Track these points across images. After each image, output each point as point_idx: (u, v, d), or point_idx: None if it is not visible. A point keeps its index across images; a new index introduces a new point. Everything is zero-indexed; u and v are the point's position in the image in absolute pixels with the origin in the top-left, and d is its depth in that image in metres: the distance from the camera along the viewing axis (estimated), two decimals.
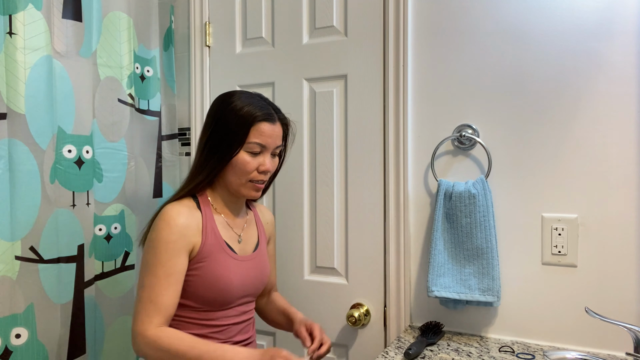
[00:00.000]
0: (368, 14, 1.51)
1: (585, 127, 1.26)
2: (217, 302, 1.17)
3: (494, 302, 1.29)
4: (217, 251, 1.17)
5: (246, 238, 1.27)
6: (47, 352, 1.29)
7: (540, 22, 1.30)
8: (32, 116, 1.26)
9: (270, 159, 1.20)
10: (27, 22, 1.25)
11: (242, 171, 1.17)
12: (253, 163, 1.17)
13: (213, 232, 1.18)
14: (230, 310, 1.20)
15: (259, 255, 1.28)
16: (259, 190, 1.22)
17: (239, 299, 1.21)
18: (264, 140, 1.17)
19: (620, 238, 1.23)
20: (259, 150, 1.17)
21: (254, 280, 1.24)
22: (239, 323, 1.23)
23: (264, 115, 1.17)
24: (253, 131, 1.16)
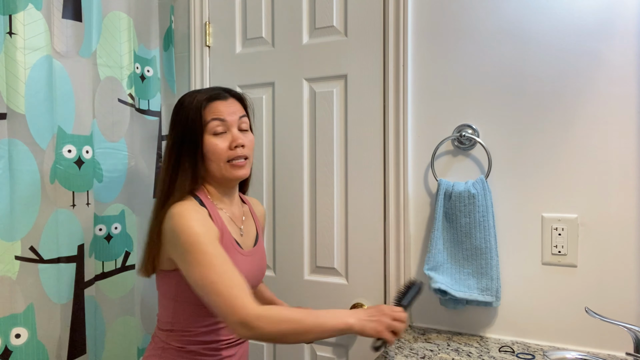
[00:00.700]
0: (368, 14, 1.51)
1: (585, 127, 1.26)
2: None
3: (492, 302, 1.29)
4: (228, 247, 1.15)
5: (246, 231, 1.26)
6: (47, 352, 1.29)
7: (540, 22, 1.30)
8: (32, 116, 1.26)
9: (238, 132, 1.17)
10: (27, 22, 1.25)
11: (215, 155, 1.15)
12: (222, 143, 1.15)
13: (222, 227, 1.15)
14: None
15: (259, 250, 1.27)
16: (242, 166, 1.17)
17: None
18: (220, 114, 1.15)
19: (620, 238, 1.23)
20: (222, 128, 1.16)
21: (255, 275, 1.23)
22: None
23: (211, 96, 1.18)
24: (206, 112, 1.15)
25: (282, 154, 1.65)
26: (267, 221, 1.68)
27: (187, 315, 1.16)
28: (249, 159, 1.20)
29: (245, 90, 1.72)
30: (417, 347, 1.29)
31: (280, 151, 1.65)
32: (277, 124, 1.66)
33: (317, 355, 1.60)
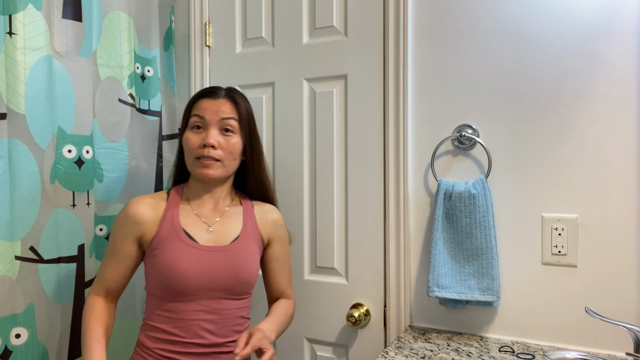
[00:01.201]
0: (368, 14, 1.51)
1: (585, 127, 1.26)
2: (172, 291, 1.15)
3: (493, 302, 1.29)
4: (171, 238, 1.16)
5: (221, 229, 1.22)
6: (47, 352, 1.30)
7: (540, 22, 1.30)
8: (32, 116, 1.26)
9: (215, 133, 1.17)
10: (27, 22, 1.25)
11: (187, 150, 1.19)
12: (195, 138, 1.17)
13: (171, 220, 1.18)
14: (193, 304, 1.15)
15: (235, 248, 1.21)
16: (207, 166, 1.16)
17: (202, 291, 1.16)
18: (201, 112, 1.18)
19: (620, 238, 1.23)
20: (200, 124, 1.18)
21: (219, 274, 1.17)
22: (208, 321, 1.17)
23: (203, 93, 1.22)
24: (193, 108, 1.21)
25: (282, 154, 1.65)
26: None
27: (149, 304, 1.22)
28: (221, 162, 1.18)
29: (245, 90, 1.72)
30: (417, 347, 1.29)
31: (280, 151, 1.65)
32: (277, 124, 1.66)
33: (317, 355, 1.60)
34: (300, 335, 1.62)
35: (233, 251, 1.21)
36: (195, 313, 1.16)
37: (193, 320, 1.16)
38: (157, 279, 1.16)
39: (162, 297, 1.17)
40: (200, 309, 1.16)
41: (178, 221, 1.19)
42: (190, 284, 1.14)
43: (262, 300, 1.50)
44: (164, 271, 1.14)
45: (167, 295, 1.16)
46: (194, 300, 1.16)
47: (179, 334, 1.15)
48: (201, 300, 1.16)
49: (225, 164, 1.19)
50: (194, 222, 1.20)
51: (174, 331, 1.16)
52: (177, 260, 1.14)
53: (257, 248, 1.27)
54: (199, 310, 1.16)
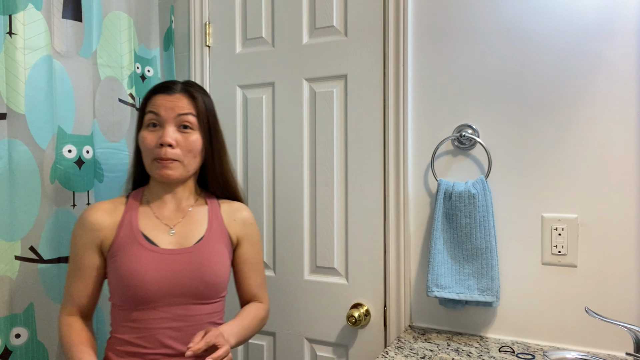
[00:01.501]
0: (368, 14, 1.51)
1: (585, 127, 1.26)
2: (133, 299, 1.08)
3: (493, 302, 1.29)
4: (129, 243, 1.09)
5: (184, 230, 1.15)
6: (47, 352, 1.29)
7: (540, 22, 1.30)
8: (32, 116, 1.26)
9: (172, 130, 1.09)
10: (27, 22, 1.25)
11: (144, 150, 1.12)
12: (151, 137, 1.10)
13: (129, 224, 1.11)
14: (156, 311, 1.09)
15: (199, 249, 1.13)
16: (166, 167, 1.09)
17: (164, 297, 1.09)
18: (155, 108, 1.10)
19: (620, 238, 1.23)
20: (156, 121, 1.10)
21: (183, 278, 1.10)
22: (174, 329, 1.10)
23: (157, 88, 1.14)
24: (148, 104, 1.13)
25: (282, 154, 1.65)
26: (267, 221, 1.67)
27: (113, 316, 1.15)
28: (181, 161, 1.11)
29: (245, 90, 1.72)
30: (417, 347, 1.29)
31: (280, 151, 1.65)
32: (277, 124, 1.66)
33: (317, 355, 1.60)
34: (300, 335, 1.62)
35: (197, 252, 1.13)
36: (159, 321, 1.09)
37: (158, 329, 1.08)
38: (118, 288, 1.09)
39: (124, 306, 1.10)
40: (165, 317, 1.09)
41: (137, 225, 1.12)
42: (151, 290, 1.07)
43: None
44: (123, 279, 1.07)
45: (129, 304, 1.09)
46: (157, 308, 1.09)
47: (144, 345, 1.08)
48: (165, 307, 1.09)
49: (185, 163, 1.12)
50: (154, 225, 1.13)
51: (139, 342, 1.09)
52: (135, 266, 1.07)
53: (224, 248, 1.19)
54: (163, 318, 1.09)
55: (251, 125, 1.70)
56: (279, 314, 1.66)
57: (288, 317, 1.64)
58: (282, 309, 1.65)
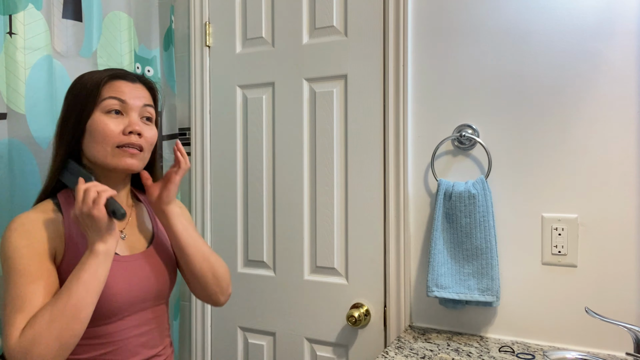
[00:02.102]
0: (368, 14, 1.51)
1: (585, 127, 1.26)
2: (103, 314, 0.97)
3: (493, 302, 1.29)
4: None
5: (133, 234, 1.08)
6: None
7: (540, 22, 1.30)
8: (32, 116, 1.26)
9: (138, 119, 1.01)
10: (27, 22, 1.26)
11: (103, 136, 0.98)
12: (114, 125, 0.98)
13: (79, 234, 0.98)
14: (125, 321, 1.01)
15: (155, 253, 1.08)
16: (133, 155, 1.00)
17: (131, 306, 1.02)
18: (121, 95, 1.00)
19: (620, 238, 1.23)
20: (120, 109, 1.00)
21: (149, 283, 1.05)
22: (142, 335, 1.05)
23: (116, 74, 1.02)
24: (105, 89, 1.00)
25: (282, 154, 1.65)
26: (267, 221, 1.67)
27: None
28: (144, 152, 1.03)
29: (245, 90, 1.72)
30: (417, 347, 1.29)
31: (280, 151, 1.65)
32: (277, 124, 1.66)
33: (317, 355, 1.60)
34: (300, 335, 1.62)
35: (154, 254, 1.08)
36: (128, 330, 1.02)
37: (127, 338, 1.02)
38: None
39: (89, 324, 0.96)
40: (133, 325, 1.03)
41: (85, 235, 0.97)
42: (122, 301, 0.99)
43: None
44: None
45: (96, 320, 0.97)
46: (126, 318, 1.02)
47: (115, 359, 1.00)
48: (133, 315, 1.03)
49: (145, 155, 1.04)
50: None
51: (108, 357, 1.00)
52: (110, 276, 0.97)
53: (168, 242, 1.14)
54: (132, 327, 1.03)
55: (251, 125, 1.70)
56: (279, 314, 1.66)
57: (288, 317, 1.64)
58: (282, 309, 1.65)
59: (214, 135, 1.77)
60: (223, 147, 1.75)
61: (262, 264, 1.69)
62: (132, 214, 1.11)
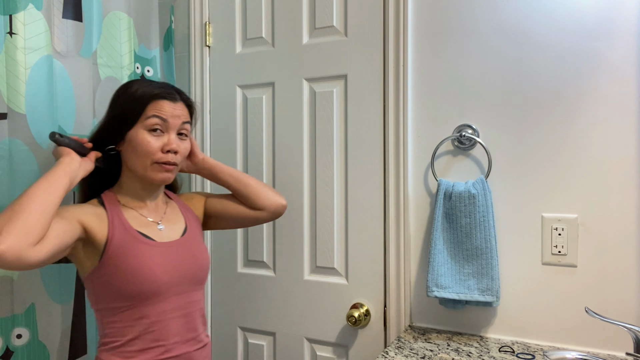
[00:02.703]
0: (368, 14, 1.51)
1: (585, 127, 1.26)
2: (144, 295, 1.08)
3: (493, 302, 1.29)
4: (130, 242, 1.10)
5: (169, 224, 1.21)
6: (48, 353, 1.29)
7: (540, 22, 1.30)
8: (32, 116, 1.26)
9: (175, 137, 1.14)
10: (28, 22, 1.25)
11: (144, 152, 1.11)
12: (155, 142, 1.11)
13: (121, 224, 1.11)
14: (165, 304, 1.12)
15: (188, 241, 1.21)
16: (169, 171, 1.14)
17: (171, 287, 1.12)
18: (163, 114, 1.12)
19: (620, 238, 1.23)
20: (160, 127, 1.12)
21: (185, 267, 1.16)
22: (181, 317, 1.15)
23: (162, 92, 1.13)
24: (150, 107, 1.12)
25: (282, 154, 1.65)
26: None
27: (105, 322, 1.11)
28: (177, 166, 1.17)
29: (245, 90, 1.72)
30: (417, 347, 1.29)
31: (280, 151, 1.65)
32: (277, 124, 1.66)
33: (317, 355, 1.60)
34: (300, 335, 1.62)
35: (187, 242, 1.20)
36: (169, 312, 1.12)
37: (167, 319, 1.12)
38: (123, 287, 1.07)
39: (129, 306, 1.09)
40: (174, 306, 1.13)
41: (129, 224, 1.12)
42: (163, 281, 1.11)
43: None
44: (133, 276, 1.07)
45: (137, 301, 1.09)
46: (167, 299, 1.12)
47: (157, 338, 1.10)
48: (173, 297, 1.13)
49: (178, 167, 1.19)
50: (143, 222, 1.16)
51: (150, 337, 1.10)
52: (144, 261, 1.09)
53: (202, 239, 1.29)
54: (171, 309, 1.13)
55: (251, 125, 1.71)
56: (279, 314, 1.66)
57: (288, 317, 1.64)
58: (282, 309, 1.65)
59: (214, 135, 1.77)
60: (223, 147, 1.76)
61: (262, 264, 1.69)
62: (166, 210, 1.24)
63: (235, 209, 1.31)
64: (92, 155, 1.15)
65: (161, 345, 1.11)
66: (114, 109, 1.17)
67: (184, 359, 1.14)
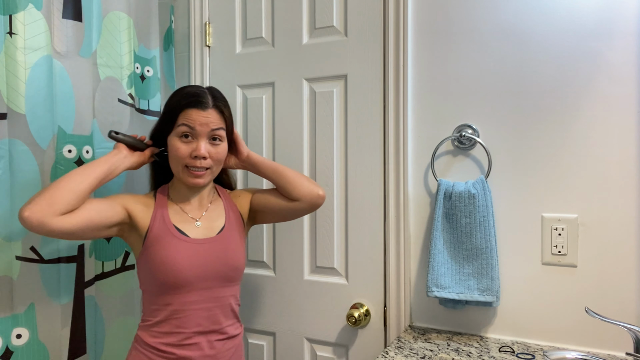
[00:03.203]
0: (368, 14, 1.51)
1: (585, 127, 1.26)
2: (169, 284, 1.18)
3: (493, 302, 1.29)
4: (164, 235, 1.20)
5: (207, 223, 1.28)
6: (48, 352, 1.29)
7: (540, 22, 1.30)
8: (32, 116, 1.26)
9: (205, 143, 1.20)
10: (27, 22, 1.25)
11: (175, 157, 1.21)
12: (184, 148, 1.19)
13: (162, 217, 1.22)
14: (188, 295, 1.20)
15: (222, 239, 1.27)
16: (198, 177, 1.21)
17: (195, 282, 1.20)
18: (191, 123, 1.18)
19: (620, 238, 1.23)
20: (189, 134, 1.19)
21: (212, 264, 1.23)
22: (206, 309, 1.22)
23: (191, 101, 1.20)
24: (180, 117, 1.20)
25: (282, 154, 1.65)
26: None
27: (145, 302, 1.25)
28: (211, 169, 1.23)
29: (245, 90, 1.72)
30: (417, 347, 1.29)
31: (280, 151, 1.65)
32: (277, 124, 1.66)
33: (317, 355, 1.60)
34: (300, 335, 1.62)
35: (221, 241, 1.26)
36: (192, 303, 1.20)
37: (191, 310, 1.20)
38: (154, 275, 1.19)
39: (159, 292, 1.20)
40: (197, 299, 1.21)
41: (168, 218, 1.23)
42: (187, 275, 1.19)
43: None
44: (161, 266, 1.18)
45: (164, 289, 1.19)
46: (191, 292, 1.20)
47: (179, 325, 1.19)
48: (197, 291, 1.21)
49: (213, 170, 1.24)
50: (182, 218, 1.25)
51: (174, 322, 1.19)
52: (172, 254, 1.18)
53: (240, 236, 1.32)
54: (196, 301, 1.21)
55: (251, 125, 1.70)
56: (279, 314, 1.66)
57: (288, 317, 1.64)
58: (282, 309, 1.65)
59: None
60: None
61: (262, 264, 1.69)
62: (209, 207, 1.30)
63: (275, 201, 1.34)
64: (148, 151, 1.29)
65: (181, 332, 1.19)
66: (161, 115, 1.28)
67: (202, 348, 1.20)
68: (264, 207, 1.36)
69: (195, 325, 1.20)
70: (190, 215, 1.26)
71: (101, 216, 1.14)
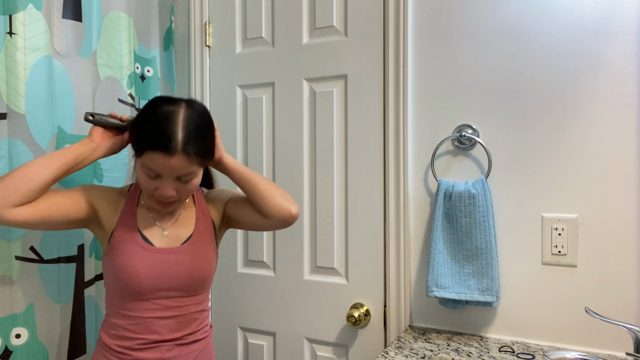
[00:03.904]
0: (368, 14, 1.51)
1: (585, 127, 1.26)
2: (126, 292, 1.14)
3: (493, 302, 1.29)
4: (127, 240, 1.15)
5: (174, 231, 1.20)
6: (47, 352, 1.29)
7: (540, 22, 1.30)
8: (32, 116, 1.26)
9: (170, 185, 1.09)
10: (27, 22, 1.25)
11: (140, 183, 1.12)
12: (150, 183, 1.09)
13: (128, 221, 1.17)
14: (148, 303, 1.15)
15: (188, 248, 1.19)
16: (166, 206, 1.14)
17: (155, 291, 1.15)
18: (155, 167, 1.06)
19: (620, 238, 1.23)
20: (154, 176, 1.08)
21: (175, 275, 1.16)
22: (165, 318, 1.16)
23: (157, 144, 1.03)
24: (145, 155, 1.05)
25: (282, 154, 1.65)
26: None
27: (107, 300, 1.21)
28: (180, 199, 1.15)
29: (245, 90, 1.72)
30: (417, 347, 1.29)
31: (280, 151, 1.65)
32: (277, 124, 1.66)
33: (317, 355, 1.60)
34: (300, 335, 1.62)
35: (186, 251, 1.19)
36: (151, 311, 1.15)
37: (149, 318, 1.15)
38: (114, 279, 1.15)
39: (119, 295, 1.16)
40: (156, 308, 1.16)
41: (135, 223, 1.17)
42: (145, 284, 1.14)
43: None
44: (120, 272, 1.13)
45: (124, 294, 1.15)
46: (150, 300, 1.15)
47: (135, 331, 1.15)
48: (157, 300, 1.16)
49: (183, 199, 1.17)
50: (149, 224, 1.19)
51: (130, 328, 1.15)
52: (132, 261, 1.13)
53: (210, 245, 1.24)
54: (154, 309, 1.16)
55: (251, 125, 1.71)
56: (279, 314, 1.66)
57: (288, 317, 1.64)
58: (282, 309, 1.65)
59: None
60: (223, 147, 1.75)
61: (262, 264, 1.69)
62: (179, 216, 1.23)
63: (248, 215, 1.25)
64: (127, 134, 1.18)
65: (138, 338, 1.15)
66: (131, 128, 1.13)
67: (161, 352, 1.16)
68: (236, 217, 1.27)
69: (153, 333, 1.15)
70: (157, 223, 1.19)
71: (62, 212, 1.10)
